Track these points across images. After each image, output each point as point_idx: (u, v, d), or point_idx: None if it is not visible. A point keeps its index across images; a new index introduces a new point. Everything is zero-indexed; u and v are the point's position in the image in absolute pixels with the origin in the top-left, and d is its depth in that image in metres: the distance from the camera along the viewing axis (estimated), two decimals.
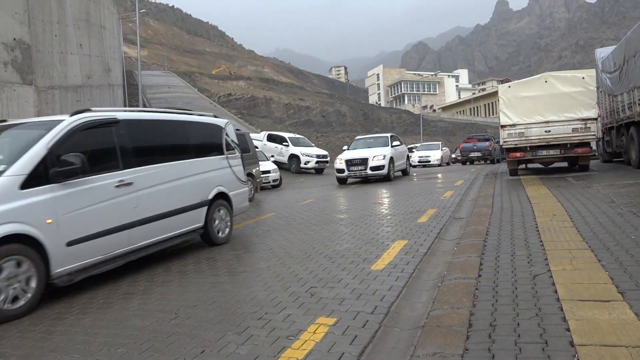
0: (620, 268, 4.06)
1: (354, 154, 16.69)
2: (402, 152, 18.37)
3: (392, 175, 16.37)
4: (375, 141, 17.72)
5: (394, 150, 16.97)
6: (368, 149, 16.92)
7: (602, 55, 16.67)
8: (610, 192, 8.56)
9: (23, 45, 17.59)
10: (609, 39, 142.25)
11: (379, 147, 16.86)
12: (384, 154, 16.12)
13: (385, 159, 16.00)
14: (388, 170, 15.96)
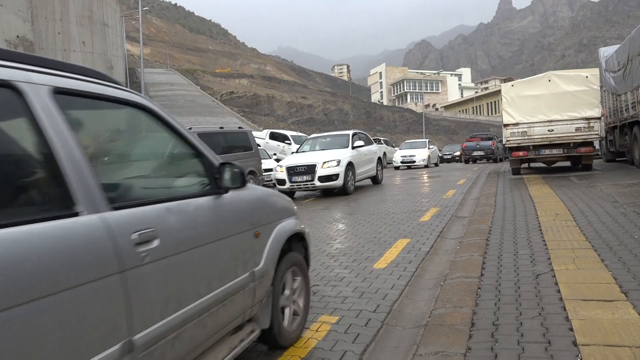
0: (624, 268, 4.04)
1: (299, 158, 12.65)
2: (370, 154, 14.11)
3: (350, 187, 12.33)
4: (333, 141, 13.74)
5: (356, 153, 12.91)
6: (321, 151, 13.16)
7: (605, 54, 16.61)
8: (613, 191, 8.53)
9: (26, 43, 17.64)
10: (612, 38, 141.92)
11: (336, 148, 13.01)
12: (338, 158, 11.97)
13: (340, 165, 11.90)
14: (345, 180, 11.99)
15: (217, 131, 13.59)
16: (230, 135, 14.00)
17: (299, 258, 3.39)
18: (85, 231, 1.68)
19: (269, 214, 3.05)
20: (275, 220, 3.11)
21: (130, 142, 2.64)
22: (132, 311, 1.81)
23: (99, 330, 1.66)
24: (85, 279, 1.62)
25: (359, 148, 13.16)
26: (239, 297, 2.58)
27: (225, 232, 2.52)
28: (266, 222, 2.98)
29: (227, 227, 2.56)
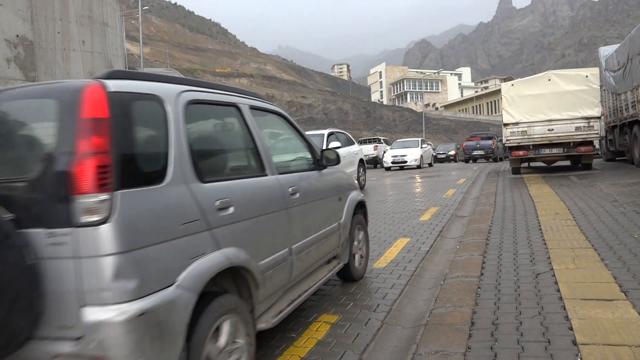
0: (624, 267, 4.04)
1: None
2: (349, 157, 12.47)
3: None
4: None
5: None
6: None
7: (605, 53, 16.61)
8: (613, 191, 8.54)
9: (26, 42, 17.63)
10: (612, 37, 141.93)
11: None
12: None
13: None
14: None
15: None
16: None
17: (362, 219, 4.81)
18: (269, 184, 3.11)
19: (344, 186, 4.45)
20: (348, 190, 4.50)
21: (279, 135, 4.03)
22: (291, 231, 3.24)
23: (280, 239, 3.09)
24: (271, 210, 3.04)
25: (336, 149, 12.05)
26: (332, 237, 3.97)
27: (324, 194, 3.93)
28: (344, 191, 4.39)
29: (325, 191, 3.98)
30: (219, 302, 2.31)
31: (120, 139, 2.05)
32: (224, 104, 3.03)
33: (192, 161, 2.42)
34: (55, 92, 2.23)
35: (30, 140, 2.29)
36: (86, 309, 1.86)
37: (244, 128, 3.11)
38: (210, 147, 2.92)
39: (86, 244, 1.87)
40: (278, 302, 3.16)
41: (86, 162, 1.91)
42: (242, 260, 2.55)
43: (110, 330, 1.83)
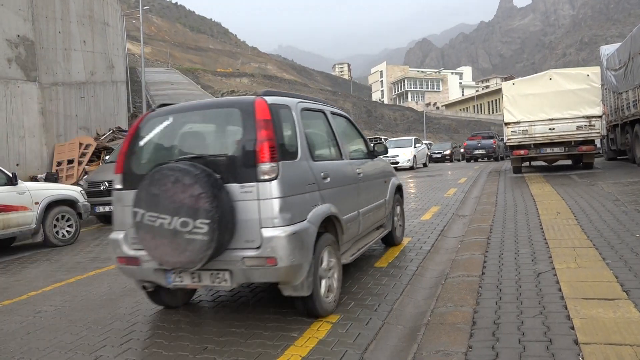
0: (625, 266, 4.04)
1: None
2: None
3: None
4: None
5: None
6: None
7: (607, 52, 16.57)
8: (614, 190, 8.52)
9: (27, 42, 17.63)
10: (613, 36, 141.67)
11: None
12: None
13: None
14: None
15: None
16: None
17: (399, 198, 6.23)
18: (346, 165, 4.49)
19: (388, 173, 5.86)
20: (391, 176, 5.93)
21: (346, 132, 5.14)
22: (358, 199, 4.55)
23: (353, 203, 4.40)
24: (348, 182, 4.39)
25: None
26: (381, 209, 5.34)
27: (376, 177, 5.33)
28: (388, 176, 5.80)
29: (376, 174, 5.36)
30: (324, 237, 3.72)
31: (277, 131, 3.45)
32: (317, 110, 4.46)
33: (308, 147, 3.83)
34: (237, 104, 3.62)
35: (226, 132, 3.72)
36: (263, 229, 3.25)
37: (328, 127, 4.57)
38: (314, 139, 4.17)
39: (264, 192, 3.27)
40: (350, 249, 4.49)
41: (263, 144, 3.29)
42: (335, 212, 3.91)
43: (278, 241, 3.20)
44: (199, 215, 3.12)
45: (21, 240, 8.90)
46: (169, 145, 3.89)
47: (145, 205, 3.31)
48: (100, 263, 6.57)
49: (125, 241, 3.71)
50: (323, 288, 3.67)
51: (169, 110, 4.09)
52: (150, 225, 3.29)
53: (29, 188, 8.03)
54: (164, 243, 3.25)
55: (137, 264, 3.58)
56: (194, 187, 3.14)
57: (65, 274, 6.02)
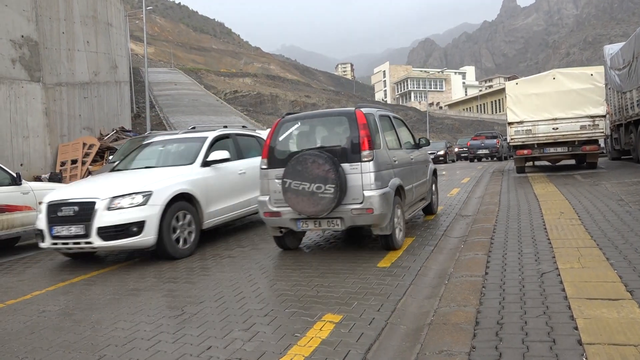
0: (629, 266, 4.02)
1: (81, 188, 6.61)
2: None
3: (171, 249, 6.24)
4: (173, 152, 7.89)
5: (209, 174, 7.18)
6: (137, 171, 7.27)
7: (610, 52, 16.52)
8: (618, 190, 8.50)
9: (31, 43, 17.70)
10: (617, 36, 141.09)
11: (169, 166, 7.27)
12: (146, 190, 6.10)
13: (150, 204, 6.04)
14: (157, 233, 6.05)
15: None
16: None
17: (435, 180, 8.40)
18: (404, 152, 6.68)
19: (427, 160, 7.92)
20: (429, 162, 8.01)
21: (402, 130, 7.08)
22: (412, 177, 6.69)
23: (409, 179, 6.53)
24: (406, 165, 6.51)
25: (218, 164, 7.43)
26: (424, 185, 7.42)
27: (421, 162, 7.32)
28: (427, 162, 7.88)
29: (421, 160, 7.35)
30: (396, 199, 5.68)
31: (370, 130, 5.41)
32: (386, 116, 6.57)
33: (384, 141, 5.91)
34: (345, 113, 5.72)
35: (338, 132, 5.65)
36: (365, 191, 5.25)
37: (392, 127, 6.62)
38: (386, 135, 6.13)
39: (365, 169, 5.26)
40: (407, 210, 6.34)
41: (364, 139, 5.29)
42: (401, 184, 5.92)
43: (374, 199, 5.18)
44: (328, 182, 5.13)
45: (25, 240, 8.93)
46: (299, 140, 5.93)
47: (292, 176, 5.29)
48: (104, 263, 6.59)
49: (269, 202, 5.71)
50: (397, 230, 5.70)
51: (296, 117, 6.03)
52: (295, 189, 5.28)
53: (33, 188, 8.07)
54: (304, 200, 5.25)
55: (278, 216, 5.62)
56: (325, 165, 5.16)
57: (69, 274, 6.04)
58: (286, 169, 5.35)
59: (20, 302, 4.93)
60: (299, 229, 5.64)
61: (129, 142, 12.83)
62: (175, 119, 38.44)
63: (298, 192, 5.26)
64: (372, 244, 6.16)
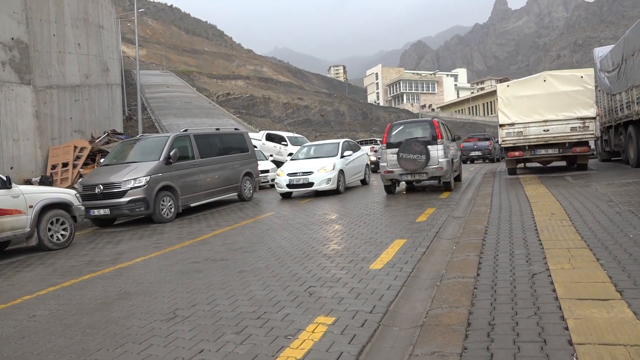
0: (619, 267, 4.06)
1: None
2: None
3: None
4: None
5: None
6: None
7: (600, 54, 16.66)
8: (608, 191, 8.57)
9: (21, 45, 17.56)
10: (607, 38, 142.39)
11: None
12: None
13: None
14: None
15: (213, 133, 13.55)
16: (227, 136, 13.96)
17: (459, 162, 14.92)
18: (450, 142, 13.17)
19: (456, 149, 14.12)
20: (458, 149, 15.33)
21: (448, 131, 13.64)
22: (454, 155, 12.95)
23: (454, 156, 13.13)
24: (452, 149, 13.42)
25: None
26: (458, 161, 14.26)
27: (456, 149, 13.91)
28: (458, 149, 14.98)
29: (456, 147, 13.94)
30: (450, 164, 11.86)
31: (441, 130, 11.87)
32: (442, 122, 12.78)
33: (445, 135, 12.26)
34: (428, 121, 12.22)
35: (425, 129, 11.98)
36: (438, 159, 11.45)
37: (446, 129, 13.11)
38: (445, 133, 12.34)
39: (439, 148, 11.51)
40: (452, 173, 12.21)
41: (439, 134, 11.65)
42: (452, 158, 12.06)
43: (443, 163, 11.45)
44: (422, 154, 11.12)
45: (15, 244, 8.85)
46: (405, 134, 11.95)
47: (404, 151, 11.26)
48: (95, 266, 6.55)
49: (387, 166, 11.66)
50: (452, 180, 11.92)
51: (400, 122, 12.74)
52: (405, 158, 11.22)
53: (23, 191, 8.00)
54: (409, 162, 11.23)
55: (392, 173, 11.62)
56: (420, 146, 11.18)
57: (59, 278, 6.00)
58: (401, 147, 11.39)
59: (10, 307, 4.89)
60: (402, 180, 11.87)
61: (120, 145, 12.87)
62: (167, 122, 38.29)
63: (407, 159, 11.30)
64: (365, 245, 6.17)
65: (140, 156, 11.37)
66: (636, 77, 12.01)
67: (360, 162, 15.54)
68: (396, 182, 12.17)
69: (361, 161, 15.71)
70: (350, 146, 15.33)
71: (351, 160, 14.61)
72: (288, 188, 13.39)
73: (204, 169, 12.22)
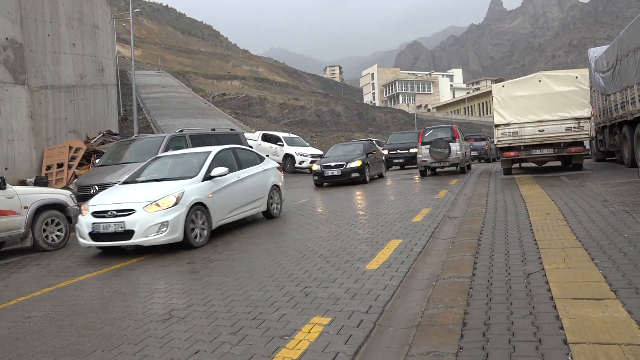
0: (613, 266, 4.08)
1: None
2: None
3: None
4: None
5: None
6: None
7: (595, 54, 16.74)
8: (603, 190, 8.60)
9: (15, 45, 17.48)
10: (602, 39, 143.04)
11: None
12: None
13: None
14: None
15: (208, 133, 13.54)
16: (222, 137, 13.94)
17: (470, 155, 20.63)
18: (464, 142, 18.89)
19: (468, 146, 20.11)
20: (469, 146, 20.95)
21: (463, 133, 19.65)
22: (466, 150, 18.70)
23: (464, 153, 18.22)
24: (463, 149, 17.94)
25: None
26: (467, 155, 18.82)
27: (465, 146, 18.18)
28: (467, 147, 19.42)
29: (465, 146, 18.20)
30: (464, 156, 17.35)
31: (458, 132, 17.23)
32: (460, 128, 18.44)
33: (461, 136, 17.14)
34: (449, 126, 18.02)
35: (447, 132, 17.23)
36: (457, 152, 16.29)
37: (461, 132, 18.00)
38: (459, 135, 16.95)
39: (457, 144, 16.38)
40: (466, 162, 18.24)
41: (457, 134, 16.82)
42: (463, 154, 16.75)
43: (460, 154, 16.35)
44: (446, 148, 15.96)
45: (10, 244, 8.81)
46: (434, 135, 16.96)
47: (434, 146, 16.03)
48: (90, 267, 6.52)
49: (422, 157, 16.57)
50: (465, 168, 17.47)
51: (431, 127, 18.64)
52: (434, 151, 16.00)
53: (18, 192, 7.96)
54: (437, 154, 15.99)
55: (425, 162, 16.46)
56: (444, 143, 16.07)
57: (54, 279, 5.97)
58: (432, 144, 16.05)
59: (4, 308, 4.86)
60: (432, 166, 16.49)
61: (116, 146, 12.85)
62: (162, 122, 38.18)
63: (436, 152, 15.90)
64: (362, 245, 6.17)
65: (136, 157, 11.30)
66: (630, 78, 12.07)
67: (258, 182, 9.25)
68: (427, 168, 16.85)
69: (261, 180, 9.39)
70: (239, 158, 9.17)
71: (230, 184, 8.29)
72: (92, 240, 7.03)
73: None
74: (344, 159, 16.09)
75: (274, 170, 10.14)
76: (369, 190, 13.64)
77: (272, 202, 9.69)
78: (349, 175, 15.58)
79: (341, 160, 16.02)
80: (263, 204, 9.32)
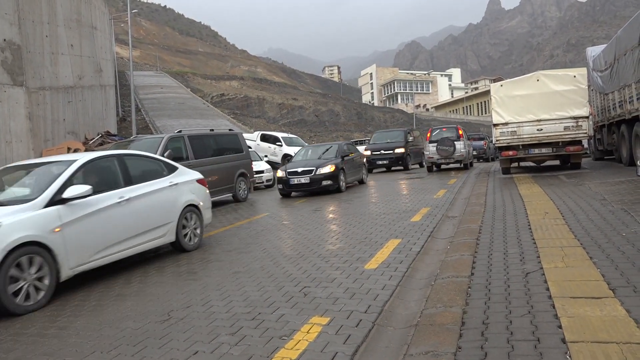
0: (612, 265, 4.08)
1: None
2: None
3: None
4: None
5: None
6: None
7: (593, 53, 16.75)
8: (601, 189, 8.61)
9: (13, 46, 17.46)
10: (600, 38, 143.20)
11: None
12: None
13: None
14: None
15: (207, 133, 13.54)
16: (221, 137, 13.95)
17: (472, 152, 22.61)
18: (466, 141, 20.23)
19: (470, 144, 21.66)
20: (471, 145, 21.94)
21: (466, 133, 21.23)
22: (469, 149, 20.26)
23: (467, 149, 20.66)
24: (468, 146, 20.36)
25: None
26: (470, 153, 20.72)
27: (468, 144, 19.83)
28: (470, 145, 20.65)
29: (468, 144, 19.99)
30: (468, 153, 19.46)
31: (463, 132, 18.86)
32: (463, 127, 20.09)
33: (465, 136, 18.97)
34: (454, 126, 19.58)
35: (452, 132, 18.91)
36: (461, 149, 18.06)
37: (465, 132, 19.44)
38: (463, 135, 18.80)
39: (461, 143, 18.06)
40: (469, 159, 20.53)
41: (461, 134, 18.55)
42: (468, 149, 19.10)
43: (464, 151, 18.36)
44: (451, 146, 17.59)
45: None
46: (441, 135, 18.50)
47: (441, 144, 17.63)
48: None
49: (429, 153, 18.22)
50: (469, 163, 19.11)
51: (437, 127, 20.30)
52: (441, 148, 17.62)
53: None
54: (443, 152, 17.63)
55: (432, 158, 18.11)
56: (450, 142, 17.71)
57: None
58: (439, 142, 17.66)
59: None
60: (438, 162, 18.46)
61: (114, 146, 12.83)
62: (161, 123, 38.17)
63: (442, 149, 17.56)
64: (360, 245, 6.17)
65: None
66: (628, 77, 12.08)
67: (160, 203, 6.67)
68: (434, 164, 18.49)
69: (166, 200, 6.80)
70: (128, 169, 6.42)
71: (104, 209, 5.72)
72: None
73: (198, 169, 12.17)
74: (313, 163, 13.50)
75: (192, 185, 7.38)
76: (368, 191, 13.64)
77: (185, 229, 6.99)
78: (319, 183, 12.99)
79: (310, 165, 13.37)
80: (169, 233, 6.69)
